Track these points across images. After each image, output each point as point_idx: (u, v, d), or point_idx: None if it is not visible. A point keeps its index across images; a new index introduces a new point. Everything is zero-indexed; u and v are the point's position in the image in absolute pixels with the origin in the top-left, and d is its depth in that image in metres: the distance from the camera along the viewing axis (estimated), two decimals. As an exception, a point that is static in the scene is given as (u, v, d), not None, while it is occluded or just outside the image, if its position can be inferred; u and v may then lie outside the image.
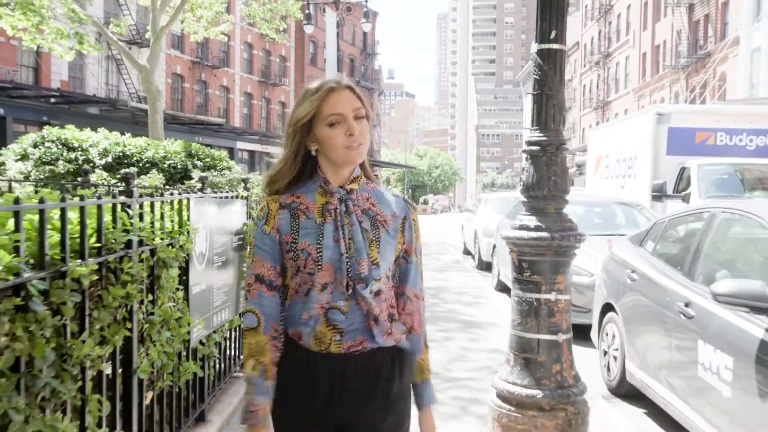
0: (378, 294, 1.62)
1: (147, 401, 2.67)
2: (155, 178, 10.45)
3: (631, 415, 4.33)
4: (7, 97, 23.63)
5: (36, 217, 1.85)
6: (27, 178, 11.06)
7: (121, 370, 2.41)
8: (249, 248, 3.64)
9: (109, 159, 11.06)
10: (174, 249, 2.86)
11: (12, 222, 1.73)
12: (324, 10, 20.46)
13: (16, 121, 24.99)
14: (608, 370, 4.89)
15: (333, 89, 1.59)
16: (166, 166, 10.86)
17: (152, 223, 2.69)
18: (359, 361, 1.61)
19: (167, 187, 8.83)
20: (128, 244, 2.39)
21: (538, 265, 3.37)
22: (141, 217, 2.58)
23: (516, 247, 3.41)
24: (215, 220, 3.52)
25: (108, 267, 2.25)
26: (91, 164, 11.18)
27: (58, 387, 1.86)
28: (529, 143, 3.43)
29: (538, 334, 3.37)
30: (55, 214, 2.03)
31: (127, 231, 2.38)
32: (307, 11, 19.52)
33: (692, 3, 33.58)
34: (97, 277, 2.15)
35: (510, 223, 4.41)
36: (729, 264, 3.58)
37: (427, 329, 1.81)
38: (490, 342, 5.98)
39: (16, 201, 1.73)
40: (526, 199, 3.46)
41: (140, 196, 2.65)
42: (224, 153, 12.30)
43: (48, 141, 11.37)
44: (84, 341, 2.02)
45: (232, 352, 4.24)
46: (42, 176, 11.01)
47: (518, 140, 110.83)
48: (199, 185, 4.14)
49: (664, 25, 37.40)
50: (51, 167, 11.22)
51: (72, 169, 11.12)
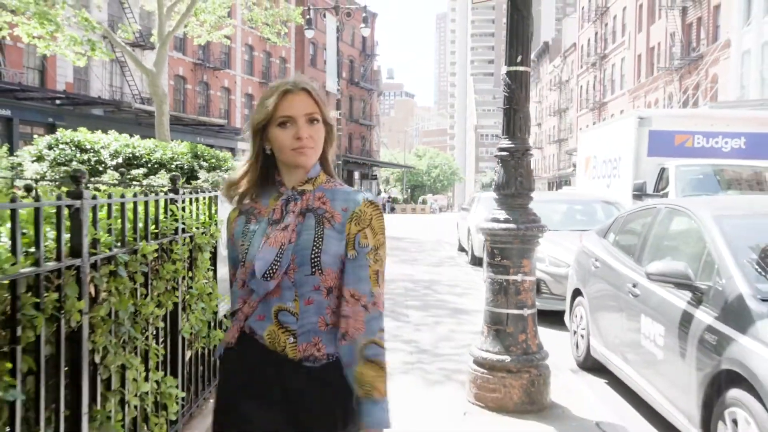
0: (330, 292, 1.56)
1: (187, 358, 3.33)
2: (164, 178, 11.12)
3: (594, 385, 4.98)
4: (14, 99, 24.21)
5: (116, 207, 2.51)
6: (43, 178, 11.73)
7: (169, 328, 3.07)
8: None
9: (120, 160, 11.71)
10: (206, 236, 3.52)
11: (105, 210, 2.39)
12: (324, 15, 21.07)
13: (22, 122, 25.56)
14: (576, 347, 5.55)
15: (288, 91, 1.58)
16: (173, 166, 11.51)
17: (192, 215, 3.35)
18: (309, 370, 1.55)
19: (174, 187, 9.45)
20: (176, 231, 3.05)
21: (507, 251, 4.03)
22: (184, 210, 3.24)
23: (489, 236, 4.08)
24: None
25: (163, 248, 2.91)
26: (103, 165, 11.85)
27: (133, 334, 2.52)
28: (500, 149, 4.09)
29: (507, 309, 4.04)
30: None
31: (176, 220, 3.04)
32: (307, 16, 20.18)
33: (685, 6, 34.22)
34: (156, 255, 2.81)
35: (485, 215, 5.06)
36: (667, 250, 4.23)
37: (384, 347, 1.60)
38: (476, 326, 6.60)
39: (110, 195, 2.39)
40: (497, 196, 4.12)
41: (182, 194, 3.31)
42: (228, 154, 12.94)
43: (62, 143, 12.03)
44: (148, 302, 2.68)
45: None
46: (57, 176, 11.67)
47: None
48: (207, 185, 4.80)
49: (658, 28, 38.03)
50: (65, 168, 11.88)
51: (85, 170, 11.77)
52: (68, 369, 2.08)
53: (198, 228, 3.43)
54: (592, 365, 5.26)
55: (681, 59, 33.58)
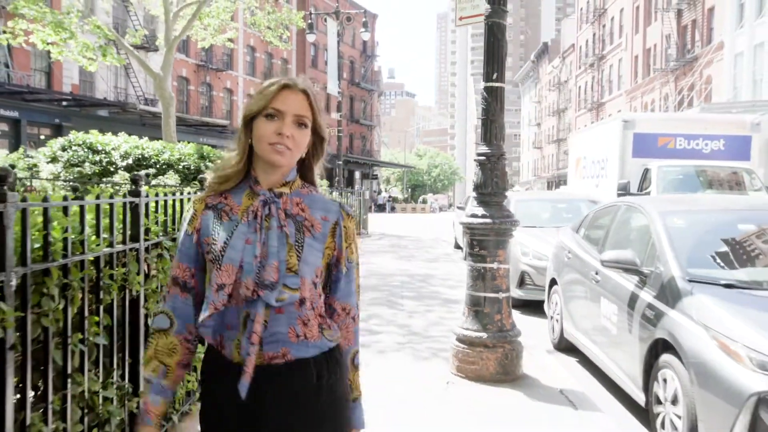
0: (302, 303, 1.52)
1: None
2: (172, 178, 11.74)
3: (566, 363, 5.59)
4: (22, 101, 24.80)
5: (161, 203, 3.14)
6: (57, 178, 12.35)
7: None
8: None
9: (130, 161, 12.33)
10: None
11: (154, 206, 3.02)
12: (326, 20, 21.66)
13: (30, 123, 26.15)
14: (552, 331, 6.17)
15: (287, 86, 1.54)
16: (180, 167, 12.12)
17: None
18: (281, 374, 1.51)
19: (181, 186, 10.05)
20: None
21: (485, 242, 4.65)
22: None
23: (469, 229, 4.70)
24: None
25: (158, 246, 3.53)
26: (114, 166, 12.48)
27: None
28: (479, 154, 4.71)
29: (484, 293, 4.66)
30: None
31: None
32: (309, 21, 20.79)
33: (680, 8, 34.78)
34: (158, 252, 3.42)
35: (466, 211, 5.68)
36: (624, 241, 4.84)
37: (360, 355, 1.71)
38: (465, 314, 7.25)
39: (135, 193, 3.01)
40: (476, 195, 4.74)
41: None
42: (233, 155, 13.43)
43: (75, 145, 12.65)
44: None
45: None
46: (71, 177, 12.29)
47: (516, 140, 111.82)
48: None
49: (654, 29, 38.59)
50: (79, 169, 12.52)
51: (98, 170, 12.40)
52: (130, 328, 2.70)
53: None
54: (565, 346, 5.87)
55: (676, 61, 34.13)
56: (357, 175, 55.21)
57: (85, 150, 12.60)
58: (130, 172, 11.91)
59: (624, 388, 4.27)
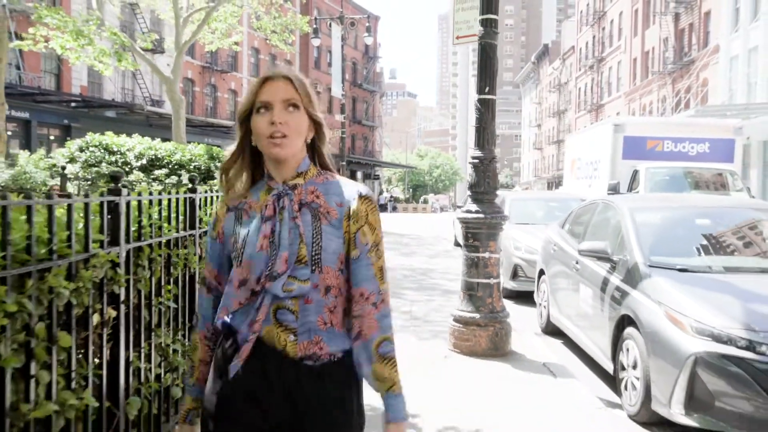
0: (328, 291, 1.55)
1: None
2: (184, 178, 12.37)
3: (552, 344, 6.25)
4: (33, 102, 25.44)
5: (208, 199, 3.80)
6: (77, 178, 13.03)
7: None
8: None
9: (144, 161, 12.99)
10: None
11: (204, 201, 3.68)
12: (330, 25, 22.31)
13: (39, 124, 26.80)
14: (540, 316, 6.83)
15: (268, 78, 1.57)
16: (191, 167, 12.77)
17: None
18: (314, 375, 1.54)
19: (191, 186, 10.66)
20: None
21: (478, 234, 5.31)
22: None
23: (464, 223, 5.36)
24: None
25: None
26: (129, 166, 13.15)
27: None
28: (473, 158, 5.38)
29: (477, 279, 5.32)
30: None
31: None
32: (314, 26, 21.46)
33: (678, 12, 35.39)
34: None
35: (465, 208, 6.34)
36: (601, 234, 5.50)
37: (394, 342, 1.60)
38: (463, 303, 7.92)
39: (192, 190, 3.67)
40: (470, 193, 5.41)
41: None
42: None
43: (92, 146, 13.33)
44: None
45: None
46: (89, 176, 12.97)
47: (517, 140, 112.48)
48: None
49: (652, 32, 39.18)
50: (96, 169, 13.20)
51: (114, 170, 13.08)
52: (189, 298, 3.36)
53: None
54: (552, 330, 6.53)
55: (673, 63, 34.72)
56: (359, 175, 55.90)
57: (102, 151, 13.23)
58: (144, 172, 12.54)
59: (597, 360, 4.93)
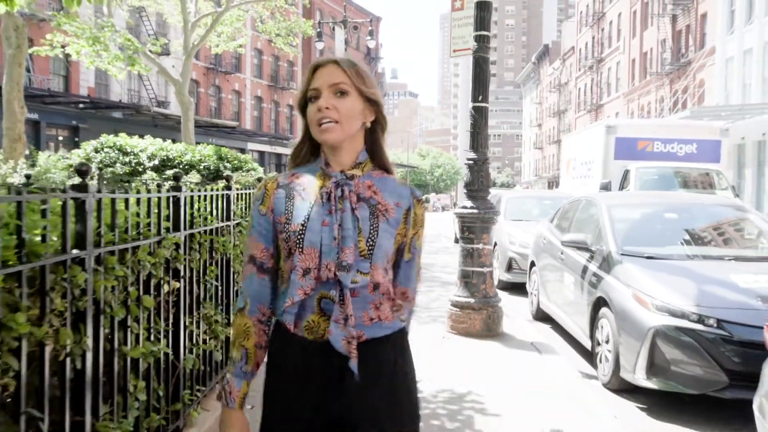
0: (376, 287, 1.54)
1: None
2: (195, 178, 12.98)
3: (541, 329, 6.86)
4: (42, 104, 26.04)
5: (240, 195, 4.41)
6: (92, 178, 13.63)
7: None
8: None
9: (156, 162, 13.59)
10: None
11: (237, 196, 4.30)
12: (333, 28, 22.92)
13: (48, 125, 27.39)
14: (531, 304, 7.45)
15: (318, 66, 1.57)
16: (201, 167, 13.37)
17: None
18: (359, 353, 1.50)
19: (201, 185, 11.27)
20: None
21: (473, 228, 5.92)
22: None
23: (460, 218, 5.98)
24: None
25: (239, 224, 4.80)
26: (142, 166, 13.77)
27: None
28: (468, 159, 5.99)
29: (472, 268, 5.93)
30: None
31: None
32: (318, 30, 22.04)
33: (675, 14, 35.94)
34: (239, 229, 4.69)
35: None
36: (583, 227, 6.11)
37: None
38: (460, 294, 8.53)
39: (228, 188, 4.29)
40: (466, 191, 6.02)
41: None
42: (249, 156, 14.69)
43: (106, 147, 13.95)
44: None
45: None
46: (106, 177, 13.59)
47: (518, 140, 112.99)
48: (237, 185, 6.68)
49: (650, 34, 39.71)
50: (111, 169, 13.84)
51: (128, 171, 13.69)
52: (225, 279, 3.98)
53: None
54: (541, 316, 7.14)
55: (671, 65, 35.26)
56: (361, 174, 56.32)
57: (116, 152, 13.83)
58: (157, 172, 13.15)
59: (578, 339, 5.54)
